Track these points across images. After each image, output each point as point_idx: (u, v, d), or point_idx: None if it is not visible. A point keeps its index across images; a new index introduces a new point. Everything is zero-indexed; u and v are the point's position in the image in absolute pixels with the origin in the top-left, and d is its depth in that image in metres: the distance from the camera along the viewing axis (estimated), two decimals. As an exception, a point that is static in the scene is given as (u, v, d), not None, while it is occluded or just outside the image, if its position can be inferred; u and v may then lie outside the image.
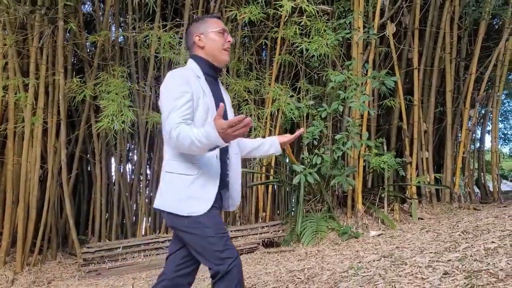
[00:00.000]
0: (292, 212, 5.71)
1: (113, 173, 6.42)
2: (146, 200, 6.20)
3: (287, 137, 2.27)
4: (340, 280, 2.98)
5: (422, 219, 5.09)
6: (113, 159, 6.32)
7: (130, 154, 6.71)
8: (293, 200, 5.18)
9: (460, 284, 2.34)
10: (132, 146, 6.55)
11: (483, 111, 8.09)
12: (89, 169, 6.78)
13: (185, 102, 1.77)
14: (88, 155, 6.22)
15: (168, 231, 5.80)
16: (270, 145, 2.24)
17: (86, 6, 6.72)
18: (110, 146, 5.95)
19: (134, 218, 6.28)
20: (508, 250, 2.72)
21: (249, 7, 5.08)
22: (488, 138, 8.73)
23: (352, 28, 5.24)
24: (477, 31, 6.15)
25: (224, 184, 1.93)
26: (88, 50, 6.00)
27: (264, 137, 4.34)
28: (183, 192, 1.81)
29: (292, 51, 5.58)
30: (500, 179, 6.68)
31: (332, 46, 5.09)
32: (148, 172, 6.83)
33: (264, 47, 6.48)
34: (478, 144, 8.11)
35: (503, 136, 12.35)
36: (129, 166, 6.75)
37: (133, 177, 6.32)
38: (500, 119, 11.37)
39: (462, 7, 6.08)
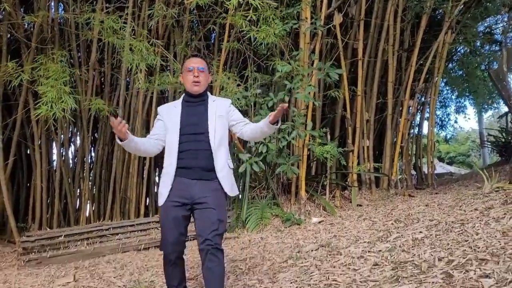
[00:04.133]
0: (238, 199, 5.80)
1: (54, 158, 6.17)
2: (90, 185, 6.04)
3: (273, 114, 2.36)
4: (279, 271, 3.11)
5: (361, 205, 5.36)
6: (54, 144, 6.07)
7: (73, 138, 6.46)
8: (239, 187, 5.26)
9: (387, 276, 2.52)
10: (75, 129, 6.30)
11: (422, 99, 8.50)
12: (28, 154, 6.48)
13: (156, 126, 2.53)
14: (27, 140, 5.94)
15: (112, 219, 5.71)
16: (266, 125, 2.40)
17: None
18: (50, 131, 5.70)
19: (77, 204, 6.12)
20: (433, 240, 2.95)
21: (198, -9, 4.96)
22: (426, 124, 9.17)
23: (300, 19, 5.29)
24: (419, 23, 6.40)
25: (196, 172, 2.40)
26: (26, 31, 5.63)
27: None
28: None
29: (240, 38, 5.53)
30: (434, 166, 7.10)
31: (280, 35, 5.12)
32: (93, 154, 6.62)
33: (212, 32, 6.38)
34: (416, 130, 8.54)
35: (440, 122, 13.02)
36: (71, 150, 6.51)
37: (76, 161, 6.12)
38: (438, 106, 12.00)
39: (406, 0, 6.29)
